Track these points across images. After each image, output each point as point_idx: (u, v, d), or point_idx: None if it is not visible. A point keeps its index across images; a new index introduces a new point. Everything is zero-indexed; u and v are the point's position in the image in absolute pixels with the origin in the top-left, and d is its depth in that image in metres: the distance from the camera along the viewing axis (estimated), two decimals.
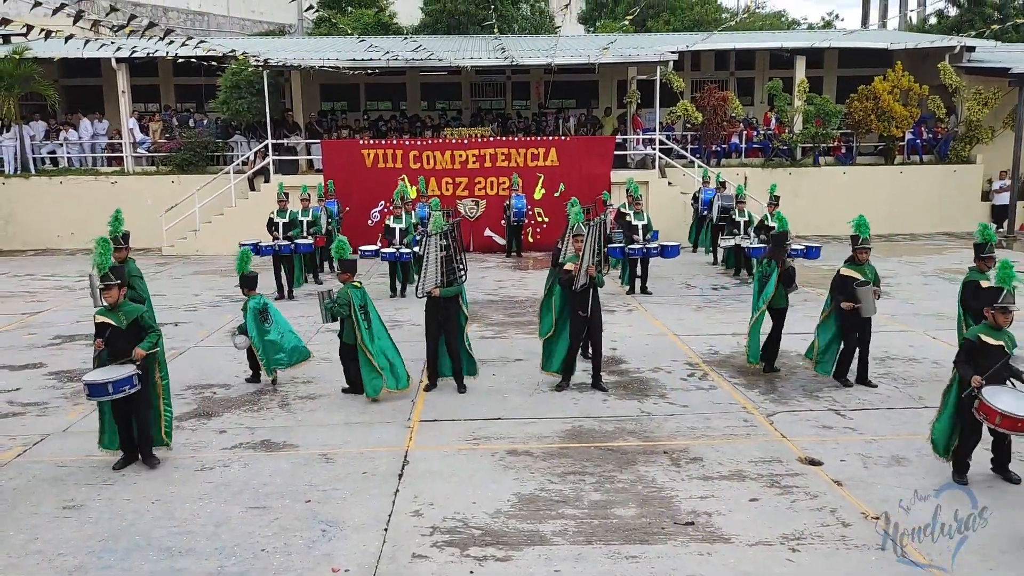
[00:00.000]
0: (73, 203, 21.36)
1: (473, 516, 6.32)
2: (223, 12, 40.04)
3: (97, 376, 7.03)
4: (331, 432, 8.16)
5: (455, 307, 9.28)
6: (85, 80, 24.92)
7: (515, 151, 20.26)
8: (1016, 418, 6.26)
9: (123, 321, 7.14)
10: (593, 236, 8.86)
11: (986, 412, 6.40)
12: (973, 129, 22.45)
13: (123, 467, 7.26)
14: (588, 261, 8.81)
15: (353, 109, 26.33)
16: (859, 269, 9.00)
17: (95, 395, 7.02)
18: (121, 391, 6.99)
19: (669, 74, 21.65)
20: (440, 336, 9.31)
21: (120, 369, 7.03)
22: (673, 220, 19.56)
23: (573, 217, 9.37)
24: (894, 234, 21.16)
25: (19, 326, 12.84)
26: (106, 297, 7.19)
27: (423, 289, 9.10)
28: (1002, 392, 6.47)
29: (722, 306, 13.74)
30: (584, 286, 8.87)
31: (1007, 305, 6.67)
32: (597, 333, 9.25)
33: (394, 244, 14.65)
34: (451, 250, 9.11)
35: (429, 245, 9.03)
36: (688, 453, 7.50)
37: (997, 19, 30.16)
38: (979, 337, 6.72)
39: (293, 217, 15.05)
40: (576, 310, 9.05)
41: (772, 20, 45.73)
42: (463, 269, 9.38)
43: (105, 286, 7.16)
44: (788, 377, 9.80)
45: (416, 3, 38.60)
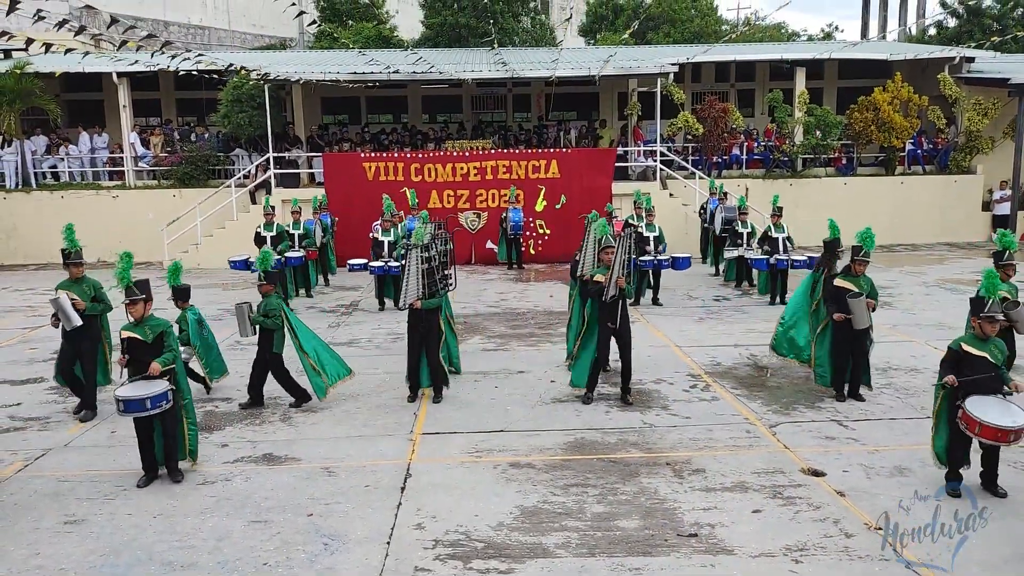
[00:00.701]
0: (74, 217, 21.20)
1: (476, 529, 6.29)
2: (224, 26, 40.26)
3: (131, 392, 6.98)
4: (333, 445, 8.15)
5: (436, 319, 9.34)
6: (86, 95, 25.02)
7: (516, 163, 20.30)
8: (996, 428, 6.28)
9: (149, 335, 7.15)
10: (623, 248, 8.88)
11: (967, 422, 6.44)
12: (973, 139, 22.49)
13: (147, 484, 7.20)
14: (618, 272, 8.82)
15: (354, 122, 26.40)
16: (854, 281, 8.97)
17: (131, 411, 6.97)
18: (158, 407, 6.96)
19: (670, 86, 21.71)
20: (422, 348, 9.34)
21: (154, 385, 7.01)
22: (676, 232, 19.56)
23: (600, 230, 9.38)
24: (895, 244, 21.16)
25: (20, 340, 12.84)
26: (132, 312, 7.20)
27: (404, 301, 9.13)
28: (985, 402, 6.48)
29: (724, 317, 13.73)
30: (614, 297, 8.89)
31: (993, 315, 6.67)
32: (627, 345, 9.18)
33: (383, 257, 14.63)
34: (433, 262, 9.14)
35: (411, 257, 9.06)
36: (691, 464, 7.48)
37: (996, 30, 30.29)
38: (961, 347, 6.72)
39: (280, 231, 15.06)
40: (605, 322, 9.05)
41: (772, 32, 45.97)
42: (448, 281, 9.39)
43: (130, 300, 7.18)
44: (790, 388, 9.78)
45: (417, 16, 38.87)
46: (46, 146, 23.03)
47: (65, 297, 8.82)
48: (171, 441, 7.27)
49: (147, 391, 6.94)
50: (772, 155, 22.67)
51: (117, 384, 7.42)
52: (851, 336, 8.91)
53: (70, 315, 8.76)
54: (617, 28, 37.88)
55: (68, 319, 8.77)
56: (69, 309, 8.76)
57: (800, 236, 20.75)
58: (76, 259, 9.15)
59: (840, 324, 8.90)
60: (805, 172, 22.67)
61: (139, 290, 7.21)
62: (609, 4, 43.17)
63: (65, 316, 8.76)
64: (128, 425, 8.56)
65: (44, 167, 22.80)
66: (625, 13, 40.46)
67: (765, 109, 24.46)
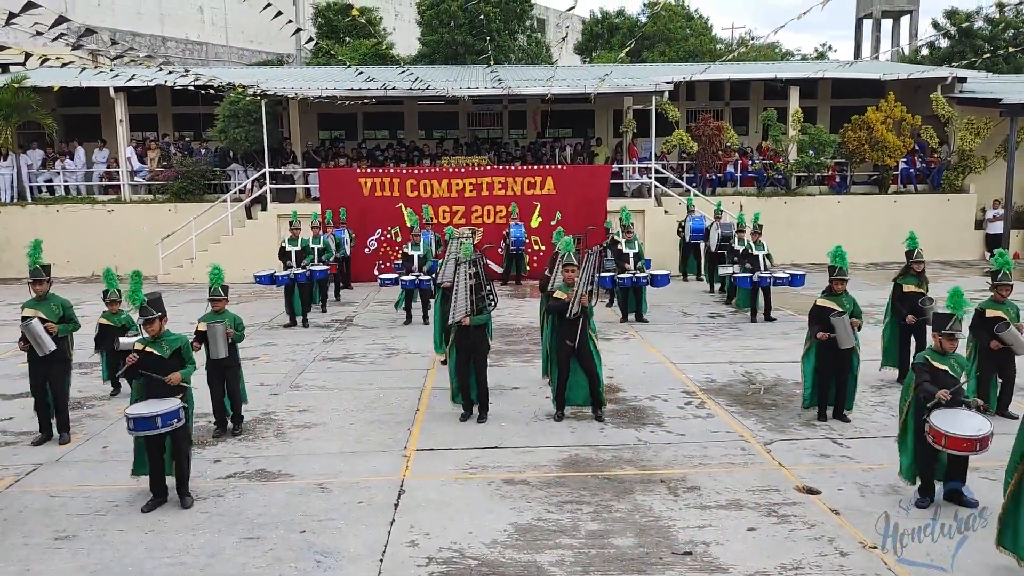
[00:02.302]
0: (69, 231, 21.37)
1: (469, 546, 6.26)
2: (222, 42, 40.43)
3: (141, 409, 6.83)
4: (327, 461, 8.11)
5: (482, 335, 9.27)
6: (83, 109, 25.06)
7: (512, 180, 20.39)
8: (961, 438, 6.38)
9: (166, 351, 7.06)
10: (589, 265, 8.87)
11: (934, 435, 6.53)
12: (966, 159, 22.64)
13: (153, 509, 6.97)
14: (582, 289, 8.82)
15: (351, 138, 26.48)
16: (836, 300, 8.98)
17: (141, 429, 6.78)
18: (169, 425, 6.80)
19: (664, 104, 21.83)
20: (470, 364, 9.23)
21: (165, 402, 6.88)
22: (670, 249, 19.64)
23: (564, 247, 9.40)
24: (889, 262, 21.22)
25: (13, 354, 12.77)
26: (148, 329, 7.08)
27: (454, 318, 9.03)
28: (949, 414, 6.59)
29: (719, 334, 13.74)
30: (576, 314, 8.87)
31: (953, 332, 6.83)
32: (587, 362, 9.10)
33: (412, 271, 14.67)
34: (480, 277, 9.11)
35: (459, 273, 9.00)
36: (685, 482, 7.46)
37: (988, 50, 30.56)
38: (926, 359, 6.87)
39: (305, 245, 15.13)
40: (564, 339, 9.04)
41: (766, 52, 46.32)
42: (492, 297, 9.37)
43: (146, 320, 7.06)
44: (785, 406, 9.77)
45: (414, 34, 39.08)
46: (42, 160, 23.04)
47: (38, 322, 8.45)
48: (184, 461, 7.08)
49: (158, 409, 6.78)
50: (766, 173, 22.78)
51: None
52: (836, 356, 8.89)
53: (44, 341, 8.39)
54: (612, 46, 38.16)
55: (42, 345, 8.40)
56: (43, 334, 8.39)
57: (794, 253, 20.93)
58: (37, 276, 8.72)
59: (824, 344, 8.88)
60: (799, 190, 22.79)
61: (154, 309, 7.11)
62: (604, 23, 43.53)
63: (39, 343, 8.39)
64: (120, 440, 8.56)
65: (40, 181, 22.80)
66: (620, 32, 40.78)
67: (759, 127, 24.60)
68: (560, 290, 9.10)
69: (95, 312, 11.04)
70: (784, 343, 12.79)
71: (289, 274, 14.74)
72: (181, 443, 7.03)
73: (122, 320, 10.22)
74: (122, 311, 10.26)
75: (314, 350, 12.97)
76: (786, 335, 13.43)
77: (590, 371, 9.17)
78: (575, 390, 9.34)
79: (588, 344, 9.11)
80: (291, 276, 14.74)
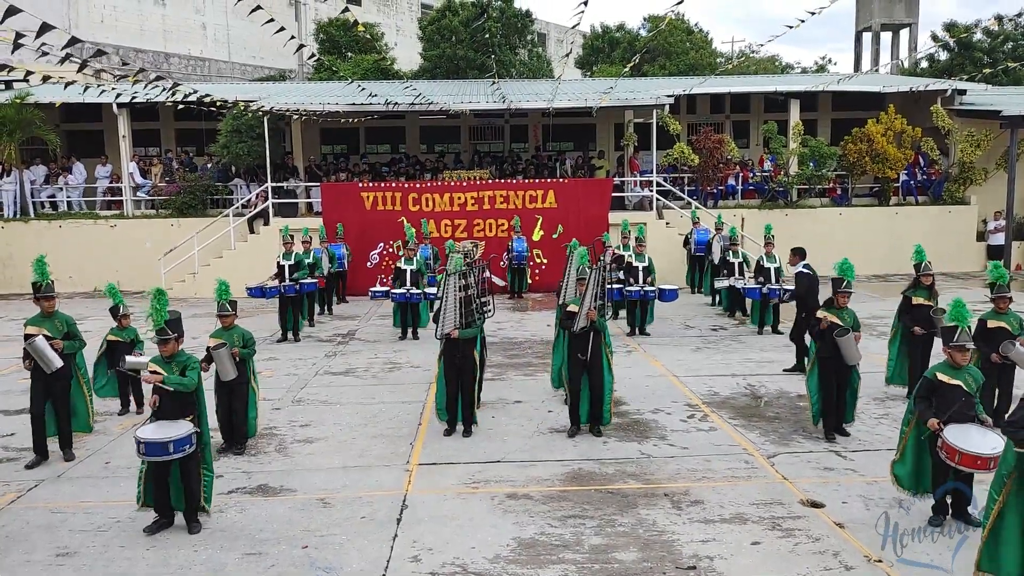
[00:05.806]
0: (72, 247, 21.43)
1: (472, 561, 6.23)
2: (224, 58, 40.62)
3: (152, 434, 6.61)
4: (329, 476, 8.09)
5: (472, 350, 9.21)
6: (87, 125, 25.20)
7: (514, 193, 20.45)
8: (975, 455, 6.27)
9: (175, 371, 6.93)
10: (596, 279, 8.86)
11: (948, 451, 6.42)
12: (966, 170, 22.68)
13: (156, 532, 6.80)
14: (590, 304, 8.81)
15: (353, 152, 26.58)
16: (837, 313, 8.87)
17: (152, 454, 6.57)
18: (181, 451, 6.60)
19: (665, 117, 21.90)
20: (458, 379, 9.16)
21: (176, 426, 6.70)
22: (672, 262, 19.64)
23: (578, 259, 9.38)
24: (891, 274, 21.24)
25: (15, 370, 12.78)
26: (163, 350, 6.95)
27: (442, 331, 8.98)
28: (963, 430, 6.48)
29: (721, 347, 13.73)
30: (584, 329, 8.86)
31: (963, 344, 6.69)
32: (596, 378, 9.03)
33: (405, 286, 14.69)
34: (470, 290, 9.07)
35: (448, 286, 8.94)
36: (689, 496, 7.44)
37: (987, 63, 30.67)
38: (936, 376, 6.72)
39: (299, 260, 15.17)
40: (575, 353, 9.02)
41: (766, 65, 46.52)
42: (486, 310, 9.32)
43: (161, 340, 6.93)
44: (788, 418, 9.75)
45: (416, 49, 39.28)
46: (45, 176, 23.12)
47: (43, 340, 8.31)
48: (194, 486, 6.83)
49: (169, 433, 6.60)
50: (767, 185, 22.82)
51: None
52: (839, 370, 8.83)
53: (50, 359, 8.27)
54: (613, 60, 38.33)
55: (48, 363, 8.26)
56: (49, 352, 8.27)
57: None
58: (47, 292, 8.58)
59: (828, 358, 8.82)
60: (800, 203, 22.82)
61: (171, 330, 7.02)
62: (605, 37, 43.74)
63: (45, 360, 8.25)
64: (122, 456, 8.56)
65: (43, 196, 22.88)
66: (621, 46, 40.98)
67: (760, 140, 24.67)
68: (573, 303, 9.09)
69: (98, 328, 11.06)
70: (786, 356, 12.76)
71: (278, 287, 14.81)
72: (191, 471, 6.82)
73: (130, 335, 10.21)
74: (130, 326, 10.28)
75: (316, 364, 12.96)
76: (789, 348, 13.39)
77: (596, 388, 9.07)
78: (584, 406, 9.30)
79: (601, 360, 9.02)
80: (280, 289, 14.80)
